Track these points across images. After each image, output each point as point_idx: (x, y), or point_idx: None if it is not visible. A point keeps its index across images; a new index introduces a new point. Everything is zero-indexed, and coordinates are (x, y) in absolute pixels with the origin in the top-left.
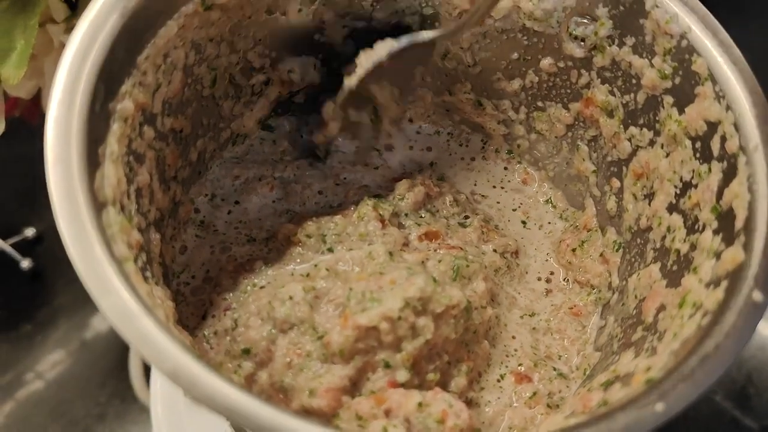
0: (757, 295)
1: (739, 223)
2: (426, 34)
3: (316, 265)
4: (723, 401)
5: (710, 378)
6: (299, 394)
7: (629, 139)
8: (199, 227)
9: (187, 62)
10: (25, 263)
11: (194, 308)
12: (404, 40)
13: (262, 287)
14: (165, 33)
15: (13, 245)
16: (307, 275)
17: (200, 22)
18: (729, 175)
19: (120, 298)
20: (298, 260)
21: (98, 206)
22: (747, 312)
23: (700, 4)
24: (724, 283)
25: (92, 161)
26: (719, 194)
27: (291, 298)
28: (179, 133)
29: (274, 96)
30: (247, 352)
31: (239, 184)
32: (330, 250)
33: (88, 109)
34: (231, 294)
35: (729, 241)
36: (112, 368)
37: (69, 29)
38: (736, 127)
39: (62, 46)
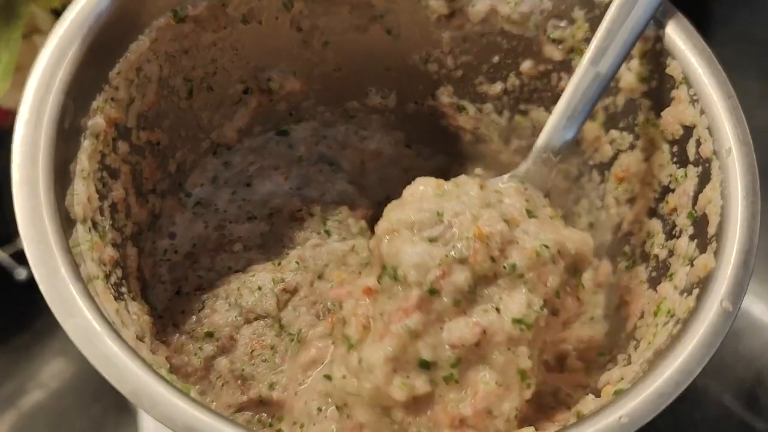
0: (727, 304)
1: (711, 229)
2: None
3: (288, 254)
4: (731, 402)
5: (677, 389)
6: (258, 385)
7: (610, 143)
8: (197, 206)
9: (162, 75)
10: (22, 273)
11: (170, 285)
12: None
13: (235, 271)
14: (137, 47)
15: (9, 255)
16: (279, 264)
17: (173, 35)
18: (703, 179)
19: (83, 318)
20: (293, 241)
21: (67, 225)
22: (716, 321)
23: (674, 8)
24: (696, 291)
25: (62, 179)
26: (695, 199)
27: (260, 288)
28: (156, 146)
29: (254, 105)
30: (210, 335)
31: (254, 169)
32: (327, 233)
33: (57, 126)
34: (206, 273)
35: (702, 247)
36: None
37: None
38: (710, 131)
39: None
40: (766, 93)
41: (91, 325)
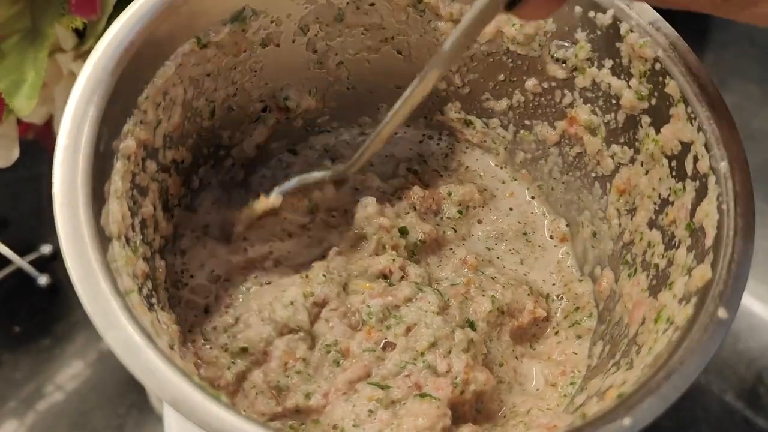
0: (722, 312)
1: (708, 242)
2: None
3: (313, 267)
4: (734, 401)
5: (676, 392)
6: (294, 395)
7: (611, 157)
8: None
9: (186, 97)
10: (43, 279)
11: (196, 304)
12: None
13: (267, 283)
14: (163, 73)
15: (30, 262)
16: (306, 277)
17: (197, 60)
18: (701, 194)
19: (124, 331)
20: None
21: (104, 242)
22: (712, 328)
23: (672, 29)
24: (694, 300)
25: (98, 199)
26: (692, 212)
27: (292, 303)
28: (181, 164)
29: (272, 122)
30: (244, 350)
31: (267, 184)
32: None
33: (93, 151)
34: (235, 289)
35: (700, 258)
36: (130, 379)
37: (77, 57)
38: (707, 147)
39: (71, 74)
40: (767, 96)
41: (131, 337)
